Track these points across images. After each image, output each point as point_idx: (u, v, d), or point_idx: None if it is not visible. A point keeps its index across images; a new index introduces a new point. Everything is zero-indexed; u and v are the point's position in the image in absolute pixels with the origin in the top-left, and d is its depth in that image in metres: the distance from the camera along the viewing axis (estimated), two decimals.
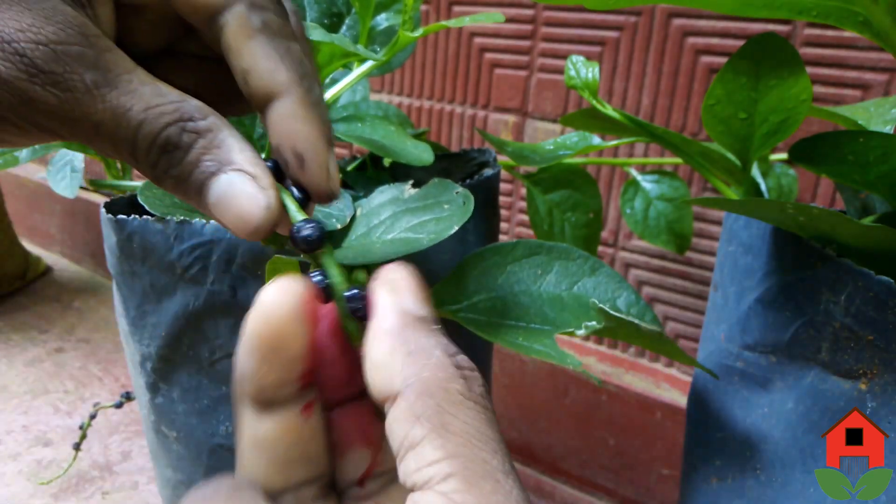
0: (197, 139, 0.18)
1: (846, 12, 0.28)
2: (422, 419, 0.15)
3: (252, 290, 0.37)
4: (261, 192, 0.18)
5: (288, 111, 0.19)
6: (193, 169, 0.18)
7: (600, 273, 0.31)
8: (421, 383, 0.16)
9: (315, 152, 0.19)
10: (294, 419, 0.18)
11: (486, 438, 0.16)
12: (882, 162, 0.29)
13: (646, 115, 0.59)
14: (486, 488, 0.15)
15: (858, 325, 0.27)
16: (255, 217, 0.18)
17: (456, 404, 0.16)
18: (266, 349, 0.17)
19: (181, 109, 0.18)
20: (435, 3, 0.68)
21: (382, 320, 0.17)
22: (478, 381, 0.17)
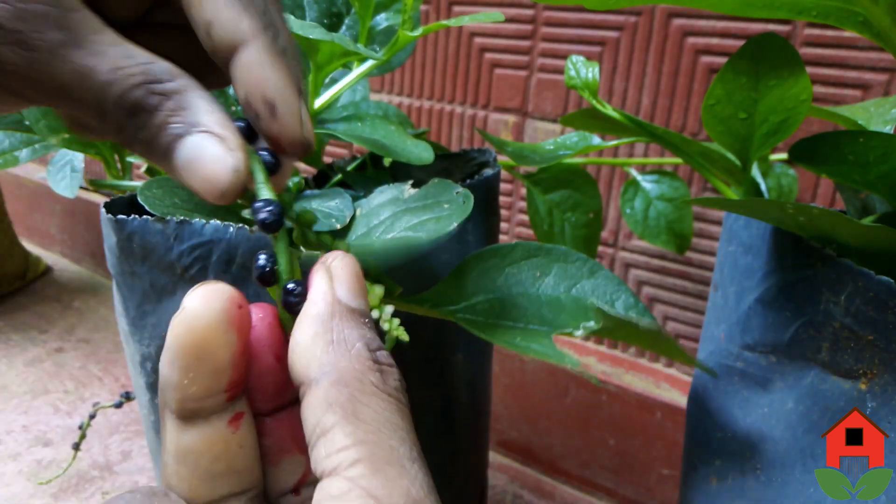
0: (164, 101, 0.18)
1: (846, 12, 0.28)
2: (334, 406, 0.16)
3: (252, 290, 0.37)
4: (228, 154, 0.18)
5: (254, 59, 0.18)
6: (160, 132, 0.18)
7: (599, 275, 0.31)
8: (337, 372, 0.16)
9: (285, 99, 0.19)
10: (221, 431, 0.17)
11: (395, 427, 0.16)
12: (882, 162, 0.29)
13: (646, 115, 0.59)
14: (391, 473, 0.15)
15: (858, 325, 0.27)
16: (222, 180, 0.18)
17: (368, 394, 0.16)
18: (189, 359, 0.16)
19: (149, 71, 0.18)
20: (435, 2, 0.68)
21: (311, 305, 0.17)
22: (394, 375, 0.17)
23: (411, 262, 0.22)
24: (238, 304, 0.17)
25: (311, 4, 0.37)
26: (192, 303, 0.17)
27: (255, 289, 0.37)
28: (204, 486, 0.18)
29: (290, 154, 0.20)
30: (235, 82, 0.19)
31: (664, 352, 0.30)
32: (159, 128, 0.18)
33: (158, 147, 0.18)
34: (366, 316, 0.18)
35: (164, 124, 0.18)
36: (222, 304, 0.17)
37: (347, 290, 0.18)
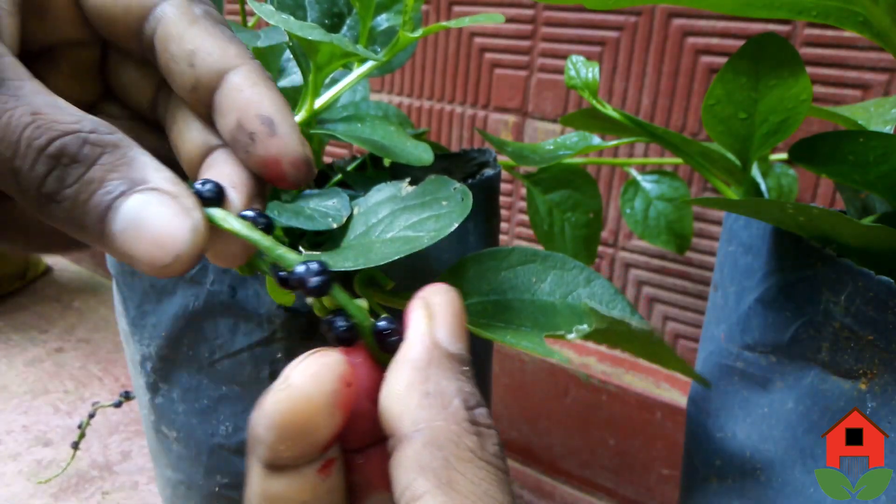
0: (101, 154, 0.15)
1: (846, 12, 0.28)
2: (426, 472, 0.14)
3: (252, 290, 0.37)
4: (184, 213, 0.15)
5: (246, 80, 0.17)
6: (96, 189, 0.15)
7: (595, 284, 0.31)
8: (431, 432, 0.15)
9: (284, 115, 0.17)
10: (310, 479, 0.16)
11: (493, 501, 0.14)
12: (882, 162, 0.29)
13: (646, 115, 0.59)
14: None
15: (858, 325, 0.27)
16: (178, 241, 0.15)
17: (465, 461, 0.14)
18: (287, 433, 0.15)
19: (82, 122, 0.15)
20: (435, 3, 0.68)
21: (409, 349, 0.16)
22: (493, 438, 0.15)
23: (411, 260, 0.22)
24: (348, 383, 0.16)
25: (313, 4, 0.37)
26: (299, 380, 0.15)
27: (256, 288, 0.37)
28: None
29: (293, 176, 0.18)
30: (222, 110, 0.17)
31: (658, 358, 0.30)
32: (94, 184, 0.15)
33: (90, 210, 0.15)
34: (465, 363, 0.16)
35: (101, 180, 0.15)
36: (332, 385, 0.15)
37: (447, 333, 0.16)
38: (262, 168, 0.18)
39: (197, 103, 0.18)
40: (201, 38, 0.17)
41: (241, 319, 0.37)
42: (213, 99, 0.18)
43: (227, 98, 0.17)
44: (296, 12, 0.36)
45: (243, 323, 0.37)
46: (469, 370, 0.16)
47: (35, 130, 0.15)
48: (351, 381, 0.16)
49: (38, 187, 0.15)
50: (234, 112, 0.17)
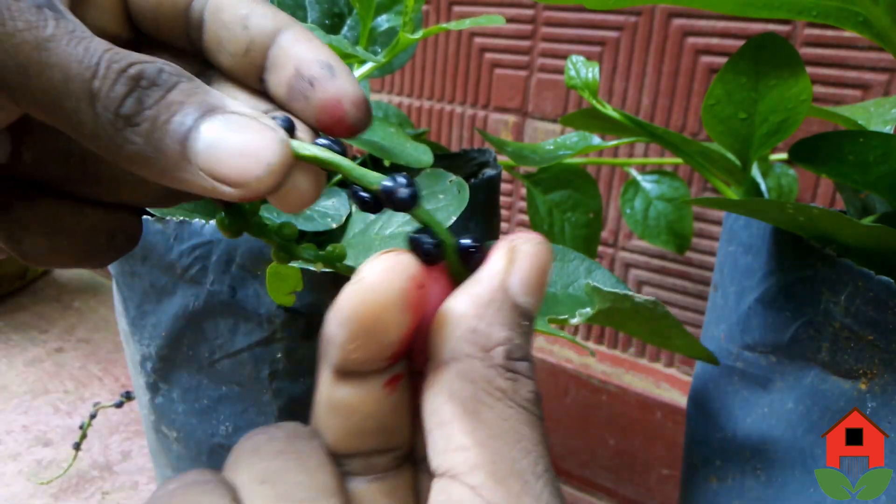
0: (179, 81, 0.15)
1: (846, 12, 0.28)
2: (455, 400, 0.14)
3: (252, 290, 0.37)
4: (268, 128, 0.15)
5: (301, 35, 0.18)
6: (176, 111, 0.15)
7: (596, 274, 0.31)
8: (466, 365, 0.15)
9: (340, 62, 0.18)
10: (376, 392, 0.16)
11: (520, 437, 0.14)
12: (882, 162, 0.29)
13: (646, 115, 0.59)
14: (514, 487, 0.14)
15: (858, 325, 0.27)
16: (268, 150, 0.15)
17: (494, 398, 0.15)
18: (357, 329, 0.15)
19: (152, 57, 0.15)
20: (435, 3, 0.68)
21: (476, 283, 0.15)
22: (528, 387, 0.15)
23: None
24: (419, 284, 0.15)
25: (313, 5, 0.37)
26: (371, 274, 0.15)
27: (256, 288, 0.37)
28: (351, 440, 0.17)
29: (354, 116, 0.18)
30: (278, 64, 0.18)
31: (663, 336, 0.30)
32: (173, 105, 0.15)
33: (170, 130, 0.15)
34: (527, 318, 0.16)
35: (179, 102, 0.15)
36: (403, 283, 0.15)
37: (520, 282, 0.16)
38: (323, 112, 0.18)
39: (249, 66, 0.18)
40: (253, 4, 0.18)
41: (241, 319, 0.37)
42: (267, 56, 0.18)
43: (283, 52, 0.18)
44: (296, 12, 0.36)
45: (243, 323, 0.37)
46: (528, 325, 0.16)
47: (115, 55, 0.15)
48: (423, 284, 0.15)
49: (116, 108, 0.15)
50: (291, 62, 0.18)
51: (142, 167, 0.15)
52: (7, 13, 0.14)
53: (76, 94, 0.14)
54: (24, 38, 0.14)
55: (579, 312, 0.26)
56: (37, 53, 0.14)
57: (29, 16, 0.14)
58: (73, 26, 0.15)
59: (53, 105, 0.15)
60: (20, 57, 0.14)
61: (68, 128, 0.15)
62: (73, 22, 0.15)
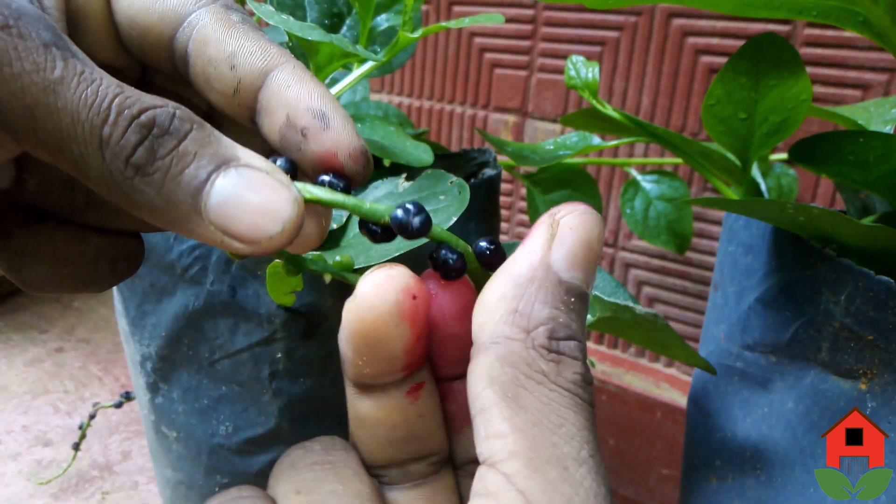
0: (191, 129, 0.15)
1: (846, 12, 0.28)
2: (495, 384, 0.14)
3: (251, 290, 0.37)
4: (282, 185, 0.15)
5: (292, 76, 0.17)
6: (189, 162, 0.14)
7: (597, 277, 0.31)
8: (505, 348, 0.14)
9: (335, 107, 0.17)
10: (399, 401, 0.17)
11: (562, 421, 0.14)
12: (882, 162, 0.29)
13: (646, 115, 0.59)
14: (551, 475, 0.13)
15: (858, 325, 0.27)
16: (284, 212, 0.15)
17: (536, 382, 0.14)
18: (360, 344, 0.15)
19: (165, 101, 0.15)
20: (435, 3, 0.68)
21: (514, 263, 0.15)
22: (574, 367, 0.14)
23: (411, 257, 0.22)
24: (413, 295, 0.15)
25: (312, 5, 0.37)
26: (364, 289, 0.15)
27: (256, 288, 0.37)
28: (383, 450, 0.17)
29: (351, 169, 0.17)
30: (269, 109, 0.17)
31: (662, 346, 0.30)
32: (187, 157, 0.14)
33: (182, 183, 0.14)
34: (575, 294, 0.15)
35: (192, 153, 0.14)
36: (395, 295, 0.15)
37: (565, 258, 0.15)
38: (318, 164, 0.17)
39: (238, 108, 0.17)
40: (241, 40, 0.17)
41: (241, 319, 0.37)
42: (258, 100, 0.17)
43: (274, 96, 0.17)
44: (295, 12, 0.36)
45: (243, 323, 0.37)
46: (577, 303, 0.15)
47: (125, 100, 0.14)
48: (416, 295, 0.15)
49: (127, 157, 0.14)
50: (282, 109, 0.17)
51: (150, 216, 0.15)
52: (14, 53, 0.13)
53: (84, 139, 0.14)
54: (31, 80, 0.14)
55: None
56: (44, 96, 0.14)
57: (36, 56, 0.14)
58: (82, 66, 0.14)
59: (59, 148, 0.14)
60: (27, 99, 0.14)
61: (73, 170, 0.15)
62: (83, 61, 0.14)
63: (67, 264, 0.18)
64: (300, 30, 0.29)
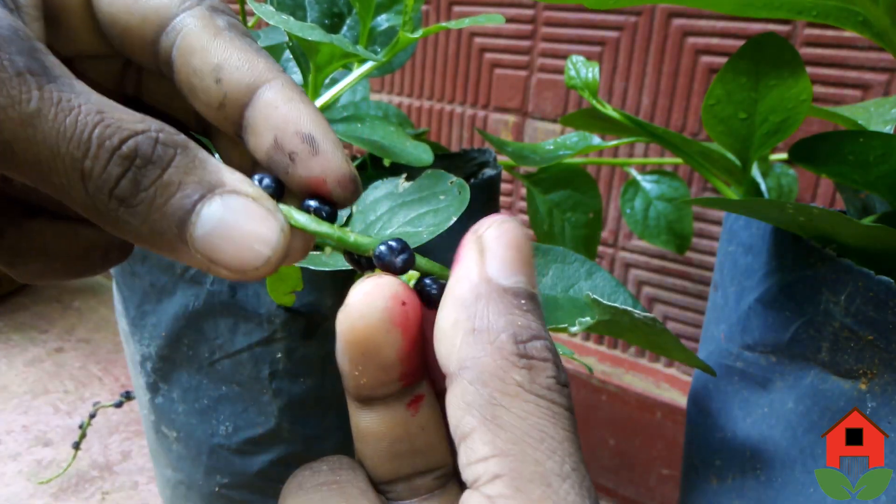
0: (174, 155, 0.14)
1: (846, 12, 0.28)
2: (472, 409, 0.14)
3: (252, 290, 0.37)
4: (269, 214, 0.15)
5: (281, 95, 0.16)
6: (174, 192, 0.14)
7: (596, 277, 0.31)
8: (476, 369, 0.14)
9: (324, 130, 0.17)
10: (399, 414, 0.17)
11: (543, 436, 0.14)
12: (882, 162, 0.29)
13: (646, 115, 0.59)
14: (535, 494, 0.13)
15: (858, 325, 0.27)
16: (269, 242, 0.15)
17: (511, 396, 0.14)
18: (355, 354, 0.16)
19: (146, 121, 0.14)
20: (435, 3, 0.68)
21: (454, 287, 0.15)
22: (547, 371, 0.14)
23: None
24: (402, 301, 0.15)
25: (313, 5, 0.37)
26: (354, 298, 0.15)
27: (256, 288, 0.37)
28: (387, 466, 0.17)
29: (339, 195, 0.17)
30: (256, 129, 0.17)
31: (661, 349, 0.30)
32: (171, 187, 0.14)
33: (167, 214, 0.14)
34: (523, 296, 0.15)
35: (177, 183, 0.14)
36: (384, 302, 0.15)
37: (501, 265, 0.15)
38: (305, 189, 0.17)
39: (224, 122, 0.17)
40: (227, 51, 0.16)
41: (241, 319, 0.37)
42: (244, 117, 0.17)
43: (261, 115, 0.16)
44: (295, 12, 0.36)
45: (243, 323, 0.37)
46: (529, 303, 0.15)
47: (105, 129, 0.14)
48: (406, 301, 0.15)
49: (110, 190, 0.14)
50: (270, 131, 0.16)
51: (136, 242, 0.15)
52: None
53: (66, 172, 0.14)
54: (7, 115, 0.13)
55: (579, 321, 0.26)
56: (22, 130, 0.13)
57: (10, 89, 0.13)
58: (59, 93, 0.14)
59: (41, 178, 0.14)
60: (4, 134, 0.13)
61: (58, 196, 0.14)
62: (60, 84, 0.14)
63: (59, 258, 0.18)
64: (300, 30, 0.29)
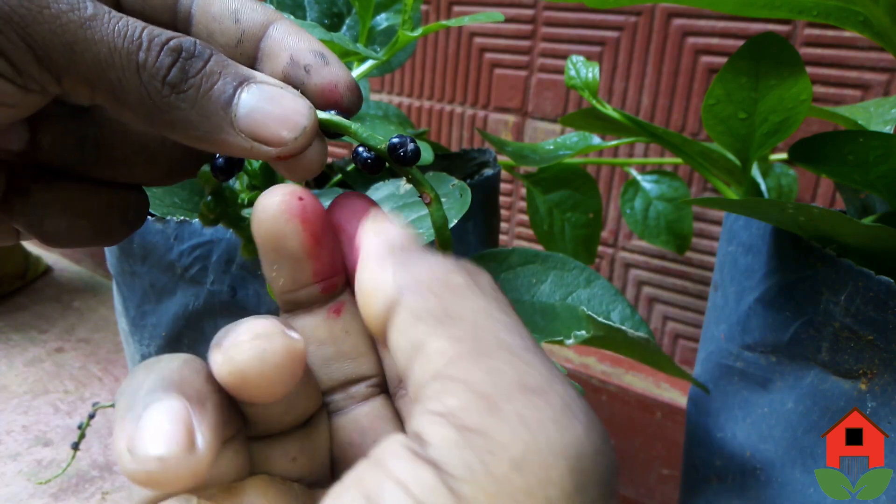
0: (212, 53, 0.17)
1: (846, 12, 0.28)
2: (424, 316, 0.14)
3: (252, 290, 0.37)
4: (298, 97, 0.17)
5: (292, 27, 0.19)
6: (217, 79, 0.17)
7: (595, 285, 0.31)
8: (418, 283, 0.14)
9: (329, 51, 0.19)
10: (322, 319, 0.18)
11: (498, 320, 0.14)
12: (882, 162, 0.29)
13: (646, 115, 0.59)
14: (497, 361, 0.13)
15: (858, 325, 0.27)
16: (302, 116, 0.17)
17: (461, 295, 0.14)
18: (266, 250, 0.17)
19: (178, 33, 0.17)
20: (435, 3, 0.68)
21: (367, 250, 0.16)
22: (485, 276, 0.15)
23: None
24: (298, 197, 0.17)
25: (312, 4, 0.37)
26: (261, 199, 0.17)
27: (256, 288, 0.37)
28: (320, 373, 0.19)
29: (349, 99, 0.19)
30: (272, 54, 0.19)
31: (656, 364, 0.30)
32: (214, 75, 0.17)
33: (213, 97, 0.16)
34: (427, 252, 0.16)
35: (218, 72, 0.17)
36: (282, 196, 0.17)
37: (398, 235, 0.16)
38: (320, 96, 0.19)
39: (238, 57, 0.20)
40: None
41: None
42: (259, 49, 0.19)
43: (276, 43, 0.19)
44: (295, 12, 0.36)
45: None
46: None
47: (153, 30, 0.16)
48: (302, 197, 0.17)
49: (163, 77, 0.16)
50: (285, 52, 0.19)
51: (183, 130, 0.17)
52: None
53: (122, 66, 0.16)
54: (69, 19, 0.15)
55: (574, 335, 0.26)
56: (82, 31, 0.15)
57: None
58: (108, 8, 0.16)
59: (98, 77, 0.16)
60: (66, 35, 0.15)
61: (110, 98, 0.16)
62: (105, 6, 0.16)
63: (83, 216, 0.20)
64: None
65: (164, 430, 0.14)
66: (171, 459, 0.13)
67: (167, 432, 0.14)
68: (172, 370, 0.16)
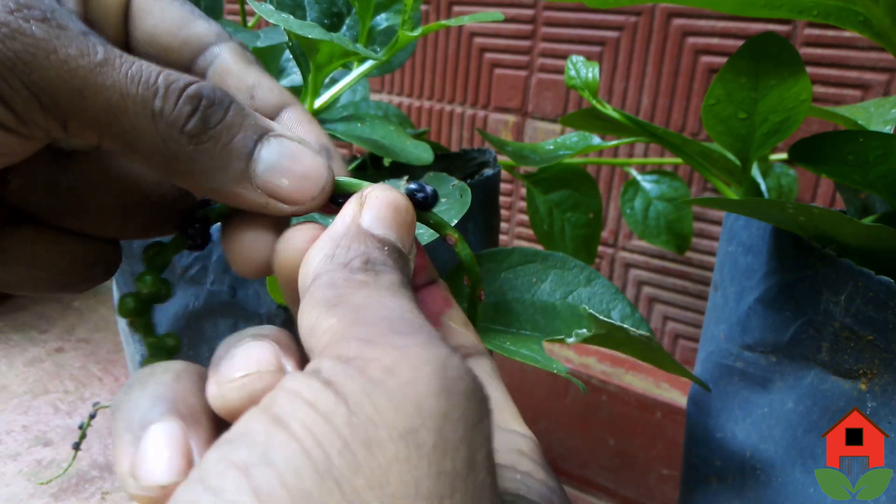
0: (232, 101, 0.16)
1: (846, 12, 0.28)
2: (320, 303, 0.14)
3: (252, 290, 0.37)
4: (318, 154, 0.17)
5: (302, 116, 0.19)
6: (237, 131, 0.16)
7: (595, 284, 0.31)
8: (326, 277, 0.15)
9: (333, 146, 0.20)
10: None
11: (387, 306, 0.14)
12: (882, 162, 0.29)
13: (646, 115, 0.59)
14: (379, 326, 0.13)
15: (858, 325, 0.27)
16: (322, 174, 0.17)
17: (355, 287, 0.15)
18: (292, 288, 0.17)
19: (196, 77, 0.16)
20: (435, 2, 0.68)
21: (332, 226, 0.17)
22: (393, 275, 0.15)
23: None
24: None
25: (312, 4, 0.37)
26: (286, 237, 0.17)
27: (256, 288, 0.37)
28: None
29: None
30: None
31: (657, 363, 0.30)
32: (234, 126, 0.16)
33: (234, 149, 0.16)
34: (389, 245, 0.16)
35: (241, 123, 0.16)
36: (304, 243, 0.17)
37: (374, 218, 0.16)
38: None
39: None
40: (260, 77, 0.19)
41: (241, 319, 0.37)
42: None
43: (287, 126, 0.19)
44: (295, 12, 0.36)
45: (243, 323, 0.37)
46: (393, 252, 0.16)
47: (169, 76, 0.15)
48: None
49: (181, 127, 0.15)
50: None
51: (196, 182, 0.16)
52: (57, 42, 0.14)
53: (135, 112, 0.15)
54: (78, 64, 0.15)
55: (575, 333, 0.26)
56: (92, 76, 0.15)
57: (78, 43, 0.15)
58: (120, 52, 0.15)
59: (108, 124, 0.15)
60: (75, 81, 0.15)
61: (120, 143, 0.16)
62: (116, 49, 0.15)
63: (43, 268, 0.19)
64: (300, 28, 0.29)
65: (164, 457, 0.14)
66: (173, 486, 0.14)
67: (167, 459, 0.14)
68: (167, 386, 0.15)
